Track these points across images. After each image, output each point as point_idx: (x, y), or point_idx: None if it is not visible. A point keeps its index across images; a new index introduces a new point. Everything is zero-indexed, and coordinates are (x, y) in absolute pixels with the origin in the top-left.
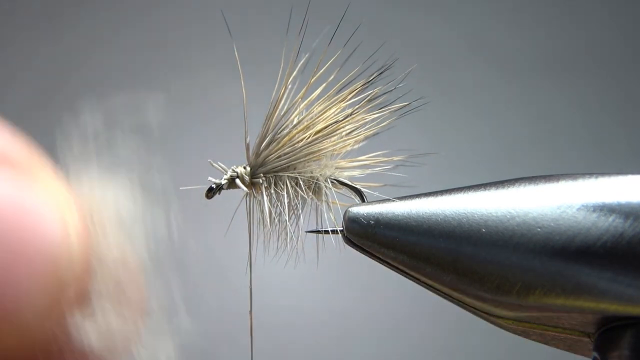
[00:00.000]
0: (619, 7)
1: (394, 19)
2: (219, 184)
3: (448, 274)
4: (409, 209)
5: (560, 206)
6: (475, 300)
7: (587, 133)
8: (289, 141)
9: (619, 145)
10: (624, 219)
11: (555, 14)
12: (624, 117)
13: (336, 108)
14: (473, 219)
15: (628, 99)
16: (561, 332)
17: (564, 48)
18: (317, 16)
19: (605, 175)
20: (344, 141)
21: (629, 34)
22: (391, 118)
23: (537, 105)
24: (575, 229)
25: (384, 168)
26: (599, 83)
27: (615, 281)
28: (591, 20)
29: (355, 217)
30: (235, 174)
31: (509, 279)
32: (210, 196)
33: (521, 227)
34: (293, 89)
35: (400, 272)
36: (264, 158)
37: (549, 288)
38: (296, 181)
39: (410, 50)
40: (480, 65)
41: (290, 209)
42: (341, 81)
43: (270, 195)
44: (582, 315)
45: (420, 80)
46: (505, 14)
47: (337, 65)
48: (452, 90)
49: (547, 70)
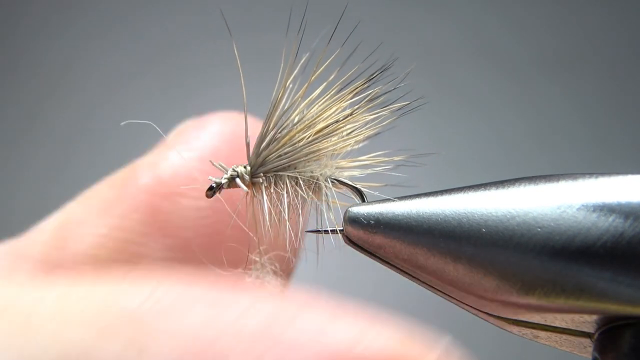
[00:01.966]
0: (619, 7)
1: (394, 19)
2: (219, 183)
3: (448, 274)
4: (409, 209)
5: (560, 206)
6: (476, 300)
7: (587, 133)
8: (289, 141)
9: (619, 145)
10: (624, 219)
11: (555, 13)
12: (624, 117)
13: (336, 107)
14: (473, 219)
15: (628, 99)
16: (561, 332)
17: (564, 48)
18: (319, 15)
19: (605, 175)
20: (344, 141)
21: (629, 34)
22: (391, 118)
23: (537, 105)
24: (575, 229)
25: (384, 168)
26: (598, 83)
27: (615, 281)
28: (591, 20)
29: (355, 217)
30: (236, 173)
31: (509, 279)
32: (210, 195)
33: (521, 227)
34: (294, 89)
35: (400, 272)
36: (264, 157)
37: (549, 288)
38: (296, 181)
39: (411, 50)
40: (481, 65)
41: (291, 209)
42: (341, 80)
43: (270, 194)
44: (582, 315)
45: (420, 80)
46: (505, 14)
47: (337, 65)
48: (452, 90)
49: (547, 70)
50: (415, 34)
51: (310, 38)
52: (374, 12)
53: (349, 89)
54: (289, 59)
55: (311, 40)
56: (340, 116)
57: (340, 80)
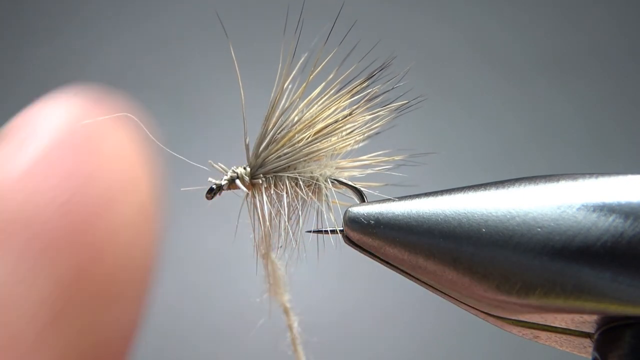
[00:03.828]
0: (619, 7)
1: (393, 19)
2: (219, 185)
3: (448, 274)
4: (409, 209)
5: (560, 206)
6: (476, 300)
7: (587, 133)
8: (288, 141)
9: (619, 145)
10: (624, 219)
11: (555, 13)
12: (624, 117)
13: (335, 107)
14: (473, 219)
15: (628, 99)
16: (561, 332)
17: (564, 48)
18: (316, 16)
19: (605, 175)
20: (344, 141)
21: (629, 34)
22: (390, 117)
23: (537, 105)
24: (575, 229)
25: (384, 168)
26: (599, 83)
27: (615, 281)
28: (591, 20)
29: (355, 217)
30: (236, 175)
31: (509, 279)
32: (210, 197)
33: (521, 227)
34: (292, 89)
35: (400, 272)
36: (263, 158)
37: (549, 288)
38: (296, 181)
39: (410, 50)
40: (481, 65)
41: (291, 209)
42: (339, 79)
43: (270, 195)
44: (582, 315)
45: (419, 79)
46: (505, 14)
47: (336, 65)
48: (452, 90)
49: (547, 71)
50: (415, 33)
51: (307, 38)
52: (373, 12)
53: (347, 88)
54: (286, 58)
55: (309, 41)
56: (339, 116)
57: (339, 80)
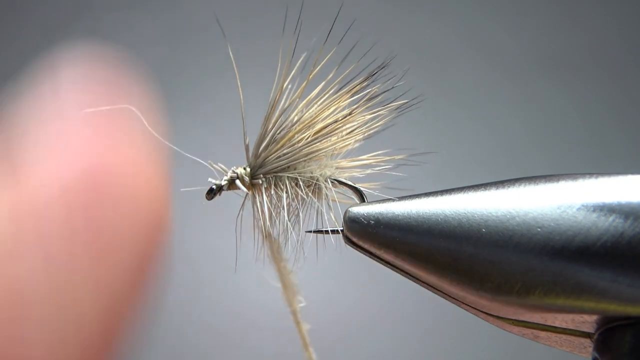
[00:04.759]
0: (619, 7)
1: (392, 18)
2: (219, 185)
3: (448, 273)
4: (409, 209)
5: (560, 206)
6: (476, 300)
7: (587, 133)
8: (288, 141)
9: (619, 145)
10: (624, 219)
11: (555, 14)
12: (624, 117)
13: (335, 107)
14: (473, 219)
15: (628, 99)
16: (561, 332)
17: (564, 48)
18: (315, 15)
19: (605, 175)
20: (344, 141)
21: (629, 35)
22: (390, 116)
23: (537, 105)
24: (575, 229)
25: (384, 168)
26: (598, 83)
27: (615, 281)
28: (591, 20)
29: (355, 217)
30: (235, 175)
31: (509, 279)
32: (210, 197)
33: (521, 227)
34: (292, 89)
35: (400, 272)
36: (263, 159)
37: (549, 288)
38: (296, 181)
39: (410, 49)
40: (481, 65)
41: (291, 210)
42: (338, 79)
43: (270, 196)
44: (582, 315)
45: (419, 79)
46: (505, 14)
47: (335, 64)
48: (452, 90)
49: (547, 71)
50: (414, 33)
51: (306, 38)
52: (372, 11)
53: (347, 88)
54: (285, 59)
55: (307, 41)
56: (339, 116)
57: (338, 79)
